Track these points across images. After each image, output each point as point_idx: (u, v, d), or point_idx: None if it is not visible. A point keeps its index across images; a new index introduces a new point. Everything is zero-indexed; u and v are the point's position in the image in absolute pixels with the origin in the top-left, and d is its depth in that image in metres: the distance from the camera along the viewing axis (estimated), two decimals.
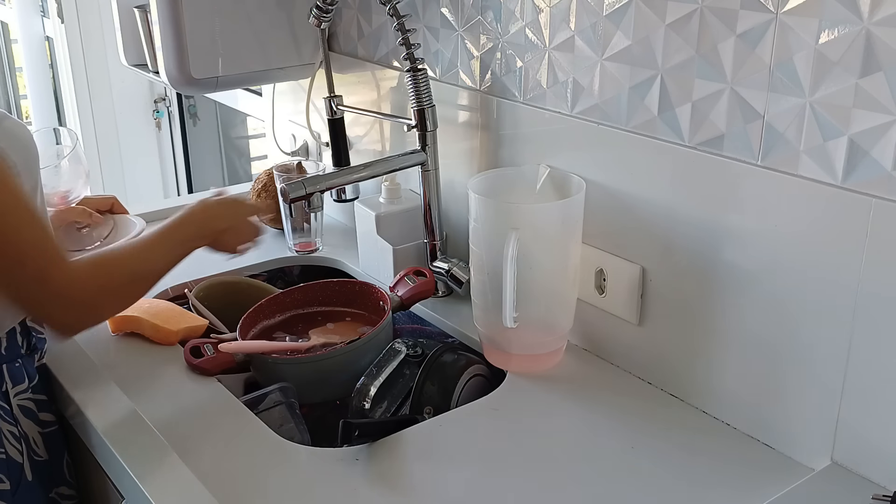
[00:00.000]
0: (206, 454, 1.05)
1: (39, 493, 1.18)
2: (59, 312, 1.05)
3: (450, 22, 1.40)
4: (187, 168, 3.12)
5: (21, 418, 1.16)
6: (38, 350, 1.22)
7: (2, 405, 1.14)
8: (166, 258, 1.13)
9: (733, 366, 1.07)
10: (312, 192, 1.27)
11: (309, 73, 1.70)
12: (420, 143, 1.38)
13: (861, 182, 0.90)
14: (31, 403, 1.18)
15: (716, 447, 1.06)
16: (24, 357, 1.18)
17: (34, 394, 1.18)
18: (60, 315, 1.05)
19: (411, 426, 1.09)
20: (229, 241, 1.21)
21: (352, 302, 1.42)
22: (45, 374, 1.23)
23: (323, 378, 1.23)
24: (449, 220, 1.46)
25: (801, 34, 0.91)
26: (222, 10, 1.55)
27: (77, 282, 1.03)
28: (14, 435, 1.14)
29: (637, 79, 1.10)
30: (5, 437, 1.13)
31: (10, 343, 1.15)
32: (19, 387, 1.16)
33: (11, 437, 1.13)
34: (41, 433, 1.19)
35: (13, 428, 1.14)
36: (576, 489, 0.99)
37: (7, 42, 3.67)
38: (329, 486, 1.00)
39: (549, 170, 1.23)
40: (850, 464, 0.97)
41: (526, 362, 1.22)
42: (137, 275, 1.11)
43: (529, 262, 1.13)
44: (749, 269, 1.03)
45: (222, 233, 1.19)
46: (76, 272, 1.03)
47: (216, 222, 1.19)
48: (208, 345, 1.25)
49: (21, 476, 1.15)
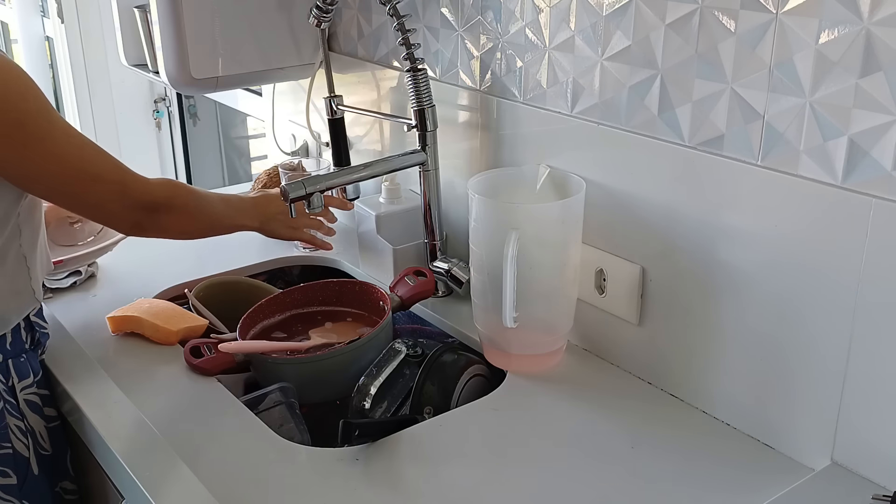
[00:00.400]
0: (206, 454, 1.05)
1: (45, 487, 1.19)
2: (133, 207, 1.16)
3: (450, 22, 1.40)
4: (187, 168, 3.12)
5: (28, 412, 1.17)
6: (42, 345, 1.23)
7: (9, 400, 1.15)
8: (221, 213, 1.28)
9: (733, 366, 1.07)
10: (312, 192, 1.27)
11: (309, 73, 1.70)
12: (420, 143, 1.38)
13: (861, 182, 0.90)
14: (37, 398, 1.19)
15: (716, 447, 1.06)
16: (29, 352, 1.19)
17: (39, 388, 1.19)
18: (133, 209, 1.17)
19: (411, 426, 1.09)
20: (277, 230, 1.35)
21: (352, 302, 1.41)
22: (47, 370, 1.24)
23: (323, 378, 1.23)
24: (449, 220, 1.46)
25: (801, 34, 0.91)
26: (222, 10, 1.55)
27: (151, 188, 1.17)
28: (21, 429, 1.15)
29: (637, 79, 1.10)
30: (12, 432, 1.14)
31: (14, 338, 1.17)
32: (25, 381, 1.17)
33: (18, 432, 1.15)
34: (46, 427, 1.20)
35: (20, 422, 1.15)
36: (576, 489, 0.99)
37: (7, 42, 3.67)
38: (329, 486, 1.00)
39: (549, 170, 1.23)
40: (850, 464, 0.97)
41: (526, 362, 1.21)
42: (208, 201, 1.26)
43: (529, 262, 1.13)
44: (749, 269, 1.03)
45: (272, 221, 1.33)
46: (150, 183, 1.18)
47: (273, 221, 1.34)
48: (208, 345, 1.25)
49: (28, 470, 1.16)
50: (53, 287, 1.45)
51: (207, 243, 1.35)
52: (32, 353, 1.20)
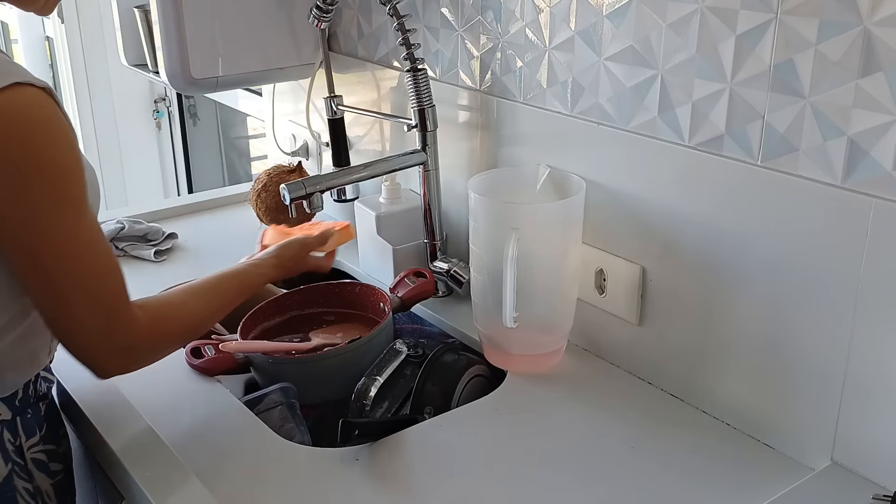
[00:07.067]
0: (206, 454, 1.05)
1: None
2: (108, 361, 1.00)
3: (450, 22, 1.40)
4: (187, 168, 3.12)
5: (35, 472, 1.09)
6: (46, 396, 1.12)
7: (17, 461, 1.06)
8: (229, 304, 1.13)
9: (733, 366, 1.07)
10: (312, 192, 1.27)
11: (309, 73, 1.70)
12: (420, 143, 1.38)
13: (861, 182, 0.90)
14: (43, 455, 1.10)
15: (716, 447, 1.06)
16: (34, 405, 1.09)
17: (45, 444, 1.10)
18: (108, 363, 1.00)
19: (411, 426, 1.09)
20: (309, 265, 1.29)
21: (352, 304, 1.41)
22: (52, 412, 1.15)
23: (323, 378, 1.23)
24: (449, 220, 1.46)
25: (802, 34, 0.91)
26: (222, 10, 1.55)
27: (137, 335, 0.98)
28: (29, 492, 1.07)
29: (637, 79, 1.10)
30: (20, 495, 1.06)
31: (24, 393, 1.06)
32: (32, 439, 1.08)
33: (27, 494, 1.07)
34: (52, 484, 1.12)
35: (28, 485, 1.08)
36: (576, 489, 0.99)
37: (7, 42, 3.67)
38: (329, 486, 1.00)
39: (549, 170, 1.23)
40: (850, 464, 0.97)
41: (526, 362, 1.22)
42: (194, 327, 1.10)
43: (529, 262, 1.13)
44: (749, 269, 1.03)
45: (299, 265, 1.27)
46: (138, 324, 0.98)
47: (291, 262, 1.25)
48: (208, 346, 1.25)
49: None
50: None
51: (208, 244, 1.35)
52: (36, 407, 1.09)
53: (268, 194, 1.66)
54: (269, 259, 1.23)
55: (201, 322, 1.10)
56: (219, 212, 1.86)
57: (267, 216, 1.69)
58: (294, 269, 1.27)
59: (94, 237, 0.94)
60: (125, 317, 0.97)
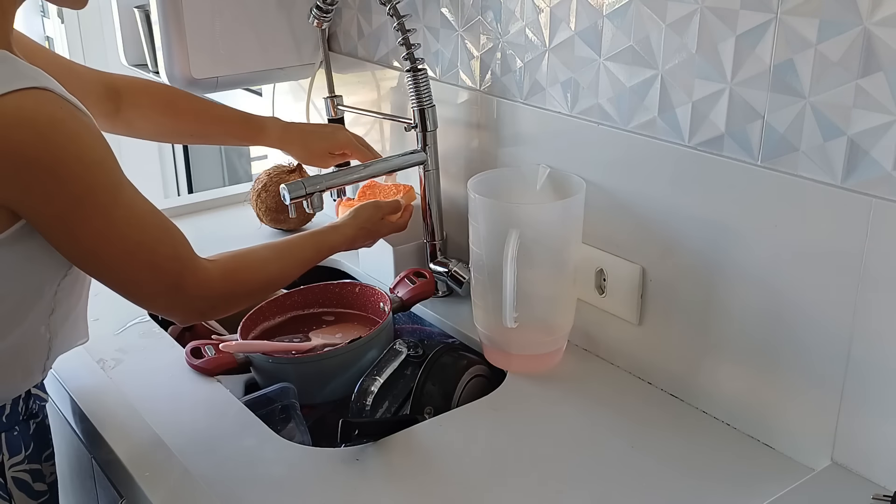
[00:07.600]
0: (206, 454, 1.05)
1: None
2: (184, 315, 1.07)
3: (450, 22, 1.40)
4: (187, 168, 3.11)
5: (14, 491, 1.06)
6: (37, 415, 1.11)
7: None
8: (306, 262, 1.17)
9: (733, 366, 1.07)
10: (312, 192, 1.27)
11: (309, 73, 1.70)
12: (420, 143, 1.38)
13: (861, 182, 0.90)
14: (27, 475, 1.08)
15: (716, 447, 1.06)
16: (22, 423, 1.07)
17: (30, 463, 1.08)
18: (185, 316, 1.08)
19: (411, 426, 1.09)
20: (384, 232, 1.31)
21: (352, 304, 1.41)
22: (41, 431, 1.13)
23: (323, 378, 1.23)
24: (449, 220, 1.46)
25: (802, 34, 0.91)
26: (222, 10, 1.55)
27: (208, 288, 1.02)
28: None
29: (637, 79, 1.10)
30: None
31: (12, 409, 1.05)
32: (15, 458, 1.06)
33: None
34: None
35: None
36: (576, 489, 0.99)
37: None
38: (329, 486, 1.00)
39: (549, 170, 1.23)
40: (850, 464, 0.97)
41: (526, 362, 1.21)
42: (271, 281, 1.13)
43: (529, 262, 1.13)
44: (749, 269, 1.03)
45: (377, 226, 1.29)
46: (208, 278, 1.02)
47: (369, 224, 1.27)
48: (209, 346, 1.25)
49: None
50: None
51: (208, 244, 1.35)
52: (25, 424, 1.07)
53: (268, 194, 1.67)
54: (347, 220, 1.26)
55: (277, 276, 1.13)
56: (219, 212, 1.86)
57: (267, 216, 1.69)
58: (372, 231, 1.29)
59: (135, 212, 0.96)
60: (190, 275, 1.00)
